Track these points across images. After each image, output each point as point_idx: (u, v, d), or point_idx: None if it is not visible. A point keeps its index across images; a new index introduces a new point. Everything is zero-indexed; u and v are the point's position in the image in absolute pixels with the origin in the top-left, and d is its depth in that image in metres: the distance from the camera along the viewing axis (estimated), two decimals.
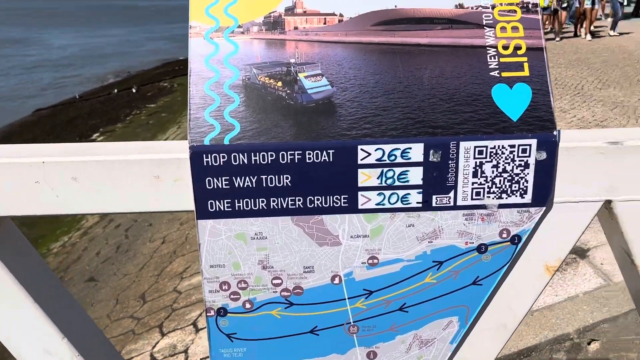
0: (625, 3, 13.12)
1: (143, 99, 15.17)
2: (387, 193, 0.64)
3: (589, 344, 2.00)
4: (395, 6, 0.66)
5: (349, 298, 0.69)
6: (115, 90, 16.28)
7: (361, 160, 0.63)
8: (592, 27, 12.29)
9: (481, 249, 0.67)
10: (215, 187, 0.63)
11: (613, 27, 12.43)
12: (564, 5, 12.50)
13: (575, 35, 12.94)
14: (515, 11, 0.66)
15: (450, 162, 0.63)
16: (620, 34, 12.36)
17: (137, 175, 0.62)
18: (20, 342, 0.68)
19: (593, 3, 12.11)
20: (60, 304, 0.71)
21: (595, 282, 2.27)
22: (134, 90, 15.96)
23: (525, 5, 0.66)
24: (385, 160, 0.63)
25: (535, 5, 0.66)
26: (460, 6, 0.66)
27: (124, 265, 4.50)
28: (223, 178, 0.63)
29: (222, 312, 0.69)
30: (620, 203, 0.66)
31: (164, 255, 4.31)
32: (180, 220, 4.97)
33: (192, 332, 2.90)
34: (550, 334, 2.00)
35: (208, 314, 0.69)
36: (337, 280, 0.68)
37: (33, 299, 0.66)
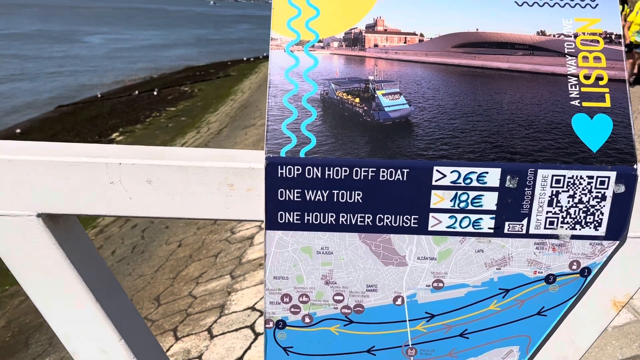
0: None
1: (163, 101, 15.34)
2: (459, 216, 0.63)
3: None
4: (477, 29, 0.66)
5: (409, 320, 0.68)
6: (137, 92, 16.50)
7: (435, 181, 0.62)
8: None
9: (549, 279, 0.66)
10: (287, 198, 0.63)
11: None
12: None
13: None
14: (597, 41, 0.65)
15: (526, 189, 0.62)
16: None
17: (211, 182, 0.62)
18: (78, 340, 0.68)
19: None
20: (119, 306, 0.71)
21: (624, 317, 2.23)
22: (155, 93, 16.15)
23: (608, 35, 0.65)
24: (460, 183, 0.62)
25: (619, 36, 0.65)
26: (542, 33, 0.66)
27: (140, 266, 4.52)
28: (295, 190, 0.62)
29: (280, 324, 0.68)
30: None
31: (180, 258, 4.32)
32: (197, 225, 4.99)
33: (206, 339, 2.89)
34: None
35: (267, 326, 0.68)
36: (399, 301, 0.67)
37: (95, 298, 0.66)
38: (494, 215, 0.63)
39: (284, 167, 0.61)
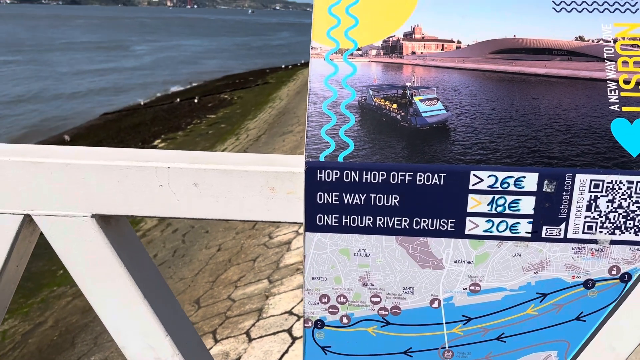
0: None
1: (204, 109, 15.69)
2: (496, 220, 0.64)
3: None
4: (514, 35, 0.67)
5: (446, 323, 0.69)
6: (178, 99, 16.91)
7: (472, 185, 0.63)
8: None
9: (588, 284, 0.66)
10: (326, 202, 0.65)
11: None
12: None
13: None
14: (638, 46, 0.65)
15: (564, 193, 0.62)
16: None
17: (253, 185, 0.65)
18: (128, 335, 0.72)
19: None
20: (165, 304, 0.74)
21: None
22: (195, 101, 16.52)
23: None
24: (497, 188, 0.63)
25: None
26: (581, 38, 0.66)
27: (180, 269, 4.62)
28: (334, 194, 0.64)
29: (319, 324, 0.70)
30: None
31: (219, 262, 4.40)
32: (236, 230, 5.07)
33: (245, 342, 2.93)
34: None
35: (306, 325, 0.70)
36: (436, 304, 0.68)
37: (144, 296, 0.70)
38: (531, 220, 0.64)
39: (323, 171, 0.64)
